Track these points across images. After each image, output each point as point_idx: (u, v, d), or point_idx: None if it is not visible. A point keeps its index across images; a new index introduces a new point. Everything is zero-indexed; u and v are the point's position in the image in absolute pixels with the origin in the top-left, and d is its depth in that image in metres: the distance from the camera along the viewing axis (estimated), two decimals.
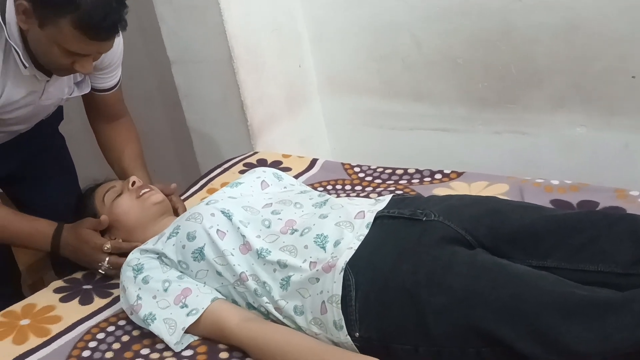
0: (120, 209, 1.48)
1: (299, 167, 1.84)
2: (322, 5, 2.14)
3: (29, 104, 1.49)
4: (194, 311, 1.25)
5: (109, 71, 1.59)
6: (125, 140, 1.70)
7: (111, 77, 1.61)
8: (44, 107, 1.56)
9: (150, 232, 1.44)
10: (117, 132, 1.70)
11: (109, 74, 1.60)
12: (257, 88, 2.06)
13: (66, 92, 1.55)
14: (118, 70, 1.62)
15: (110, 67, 1.58)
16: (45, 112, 1.61)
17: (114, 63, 1.58)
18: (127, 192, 1.49)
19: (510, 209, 1.23)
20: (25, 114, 1.52)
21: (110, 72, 1.60)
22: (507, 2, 1.83)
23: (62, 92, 1.53)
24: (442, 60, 2.01)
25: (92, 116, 1.72)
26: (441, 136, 2.11)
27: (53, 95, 1.52)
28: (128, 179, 1.52)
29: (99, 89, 1.62)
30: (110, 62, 1.56)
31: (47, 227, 1.50)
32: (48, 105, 1.56)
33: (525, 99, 1.94)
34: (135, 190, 1.49)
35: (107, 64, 1.56)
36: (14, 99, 1.44)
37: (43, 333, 1.37)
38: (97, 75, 1.58)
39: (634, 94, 1.77)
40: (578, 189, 1.48)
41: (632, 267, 1.08)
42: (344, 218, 1.26)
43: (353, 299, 1.14)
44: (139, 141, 1.74)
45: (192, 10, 1.58)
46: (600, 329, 0.98)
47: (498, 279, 1.07)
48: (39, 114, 1.59)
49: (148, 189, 1.50)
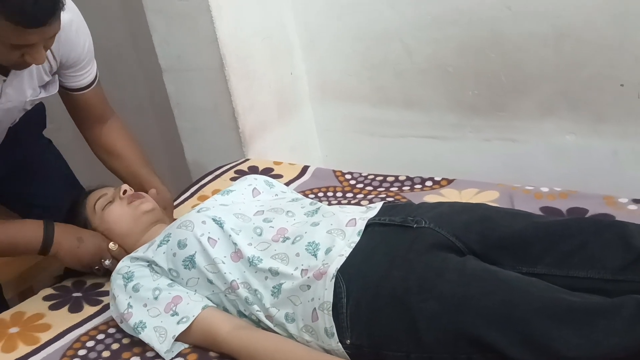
0: (111, 217, 1.48)
1: (290, 174, 1.84)
2: (313, 13, 2.15)
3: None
4: (184, 319, 1.24)
5: (78, 69, 1.53)
6: (125, 145, 1.67)
7: (83, 75, 1.55)
8: (6, 112, 1.47)
9: (142, 239, 1.44)
10: (112, 137, 1.66)
11: (80, 72, 1.54)
12: (249, 95, 2.06)
13: (29, 95, 1.48)
14: (90, 67, 1.56)
15: (78, 64, 1.52)
16: (9, 117, 1.53)
17: (81, 60, 1.52)
18: (118, 200, 1.49)
19: (500, 216, 1.24)
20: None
21: (81, 70, 1.54)
22: (497, 11, 1.84)
23: (23, 94, 1.46)
24: (432, 68, 2.02)
25: (79, 120, 1.66)
26: (432, 143, 2.12)
27: (13, 97, 1.44)
28: (120, 187, 1.51)
29: (74, 88, 1.57)
30: (76, 60, 1.50)
31: (34, 224, 1.46)
32: (9, 108, 1.47)
33: (515, 107, 1.95)
34: (127, 198, 1.48)
35: (74, 62, 1.50)
36: None
37: (32, 341, 1.36)
38: (67, 74, 1.53)
39: (622, 101, 1.79)
40: (567, 196, 1.49)
41: (621, 273, 1.09)
42: (336, 226, 1.26)
43: (344, 306, 1.14)
44: (135, 142, 1.71)
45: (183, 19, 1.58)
46: (590, 334, 0.98)
47: (489, 285, 1.08)
48: (3, 120, 1.52)
49: (139, 197, 1.50)
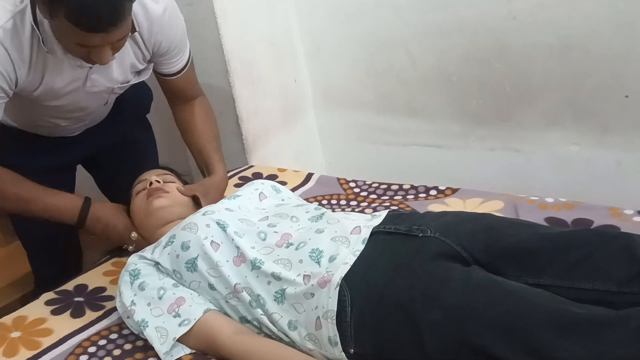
0: (134, 207, 1.53)
1: (294, 181, 1.84)
2: (318, 20, 2.16)
3: (73, 91, 1.49)
4: (186, 321, 1.24)
5: (169, 57, 1.58)
6: (201, 121, 1.71)
7: (175, 62, 1.61)
8: (93, 95, 1.55)
9: (156, 234, 1.44)
10: (192, 113, 1.71)
11: (171, 59, 1.59)
12: (253, 101, 2.06)
13: (120, 80, 1.54)
14: (182, 55, 1.61)
15: (169, 52, 1.57)
16: (98, 99, 1.60)
17: (173, 48, 1.57)
18: (143, 190, 1.50)
19: (505, 226, 1.24)
20: (73, 101, 1.53)
21: (172, 58, 1.59)
22: (502, 21, 1.85)
23: (110, 80, 1.52)
24: (436, 76, 2.02)
25: (169, 99, 1.74)
26: (435, 152, 2.12)
27: (99, 82, 1.51)
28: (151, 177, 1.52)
29: (165, 73, 1.63)
30: (168, 48, 1.55)
31: (75, 200, 1.55)
32: (97, 92, 1.55)
33: (519, 117, 1.95)
34: (148, 191, 1.49)
35: (165, 50, 1.55)
36: (56, 86, 1.45)
37: (34, 346, 1.35)
38: (160, 61, 1.58)
39: (627, 112, 1.79)
40: (573, 206, 1.48)
41: (626, 285, 1.08)
42: (340, 233, 1.26)
43: (348, 314, 1.13)
44: (213, 121, 1.75)
45: (188, 24, 1.60)
46: (595, 345, 0.98)
47: (493, 295, 1.07)
48: (91, 101, 1.59)
49: (158, 191, 1.49)
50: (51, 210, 1.53)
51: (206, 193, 1.56)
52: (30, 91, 1.44)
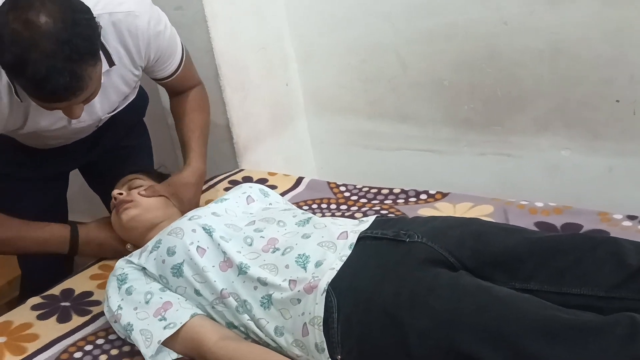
0: (113, 223, 1.53)
1: (284, 185, 1.83)
2: (309, 25, 2.16)
3: (60, 128, 1.49)
4: (171, 325, 1.23)
5: (160, 63, 1.57)
6: (191, 112, 1.70)
7: (166, 67, 1.60)
8: (81, 128, 1.55)
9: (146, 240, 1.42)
10: (184, 104, 1.70)
11: (162, 65, 1.59)
12: (243, 106, 2.06)
13: (106, 110, 1.53)
14: (172, 60, 1.60)
15: (160, 59, 1.56)
16: (88, 129, 1.60)
17: (162, 55, 1.55)
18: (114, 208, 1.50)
19: (493, 232, 1.23)
20: (63, 134, 1.54)
21: (163, 64, 1.58)
22: (493, 26, 1.85)
23: (94, 114, 1.51)
24: (427, 82, 2.02)
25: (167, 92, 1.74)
26: (426, 157, 2.12)
27: (84, 119, 1.47)
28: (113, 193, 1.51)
29: (158, 78, 1.63)
30: (159, 57, 1.54)
31: (62, 230, 1.55)
32: (85, 126, 1.54)
33: (510, 122, 1.95)
34: (115, 207, 1.49)
35: (157, 59, 1.55)
36: (41, 125, 1.44)
37: (19, 351, 1.34)
38: (152, 69, 1.58)
39: (617, 118, 1.79)
40: (562, 211, 1.48)
41: (614, 291, 1.08)
42: (327, 238, 1.25)
43: (335, 321, 1.12)
44: (204, 111, 1.74)
45: (179, 29, 1.60)
46: (583, 352, 0.97)
47: (481, 301, 1.07)
48: (82, 132, 1.60)
49: (122, 204, 1.48)
50: (41, 243, 1.54)
51: (174, 192, 1.55)
52: (16, 129, 1.44)
